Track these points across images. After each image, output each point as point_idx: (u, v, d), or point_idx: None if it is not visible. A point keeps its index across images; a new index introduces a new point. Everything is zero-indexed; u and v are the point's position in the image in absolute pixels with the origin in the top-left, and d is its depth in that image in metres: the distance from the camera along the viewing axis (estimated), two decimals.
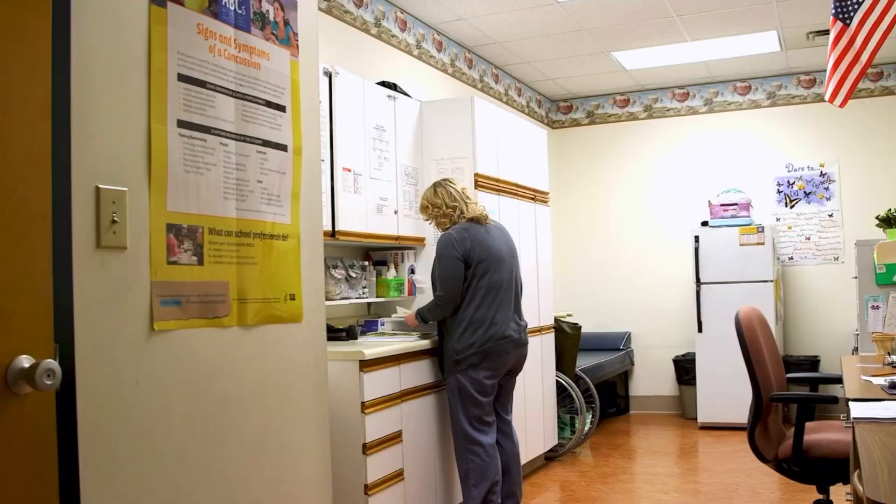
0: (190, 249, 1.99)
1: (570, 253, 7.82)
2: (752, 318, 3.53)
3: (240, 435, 2.11)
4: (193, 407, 1.98)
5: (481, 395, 3.79)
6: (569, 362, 5.64)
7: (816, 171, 7.05)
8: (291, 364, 2.32)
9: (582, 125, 7.83)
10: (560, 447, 5.62)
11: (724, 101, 7.34)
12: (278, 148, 2.30)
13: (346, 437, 3.39)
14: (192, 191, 2.00)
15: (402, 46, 5.16)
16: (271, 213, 2.27)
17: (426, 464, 3.84)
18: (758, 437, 3.44)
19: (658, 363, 7.42)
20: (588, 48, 6.14)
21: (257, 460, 2.17)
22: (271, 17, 2.31)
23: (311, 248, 2.42)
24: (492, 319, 3.78)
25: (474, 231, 3.85)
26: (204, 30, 2.06)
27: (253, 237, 2.19)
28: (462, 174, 4.46)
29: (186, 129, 1.99)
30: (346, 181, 3.90)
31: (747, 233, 6.44)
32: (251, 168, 2.20)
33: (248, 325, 2.17)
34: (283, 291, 2.30)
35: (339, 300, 4.03)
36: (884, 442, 2.15)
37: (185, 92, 1.99)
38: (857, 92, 6.95)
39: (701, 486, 4.85)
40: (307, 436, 2.37)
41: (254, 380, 2.18)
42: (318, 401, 2.43)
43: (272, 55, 2.30)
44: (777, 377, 3.68)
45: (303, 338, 2.37)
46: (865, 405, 2.65)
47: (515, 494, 4.02)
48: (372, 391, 3.43)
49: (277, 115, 2.30)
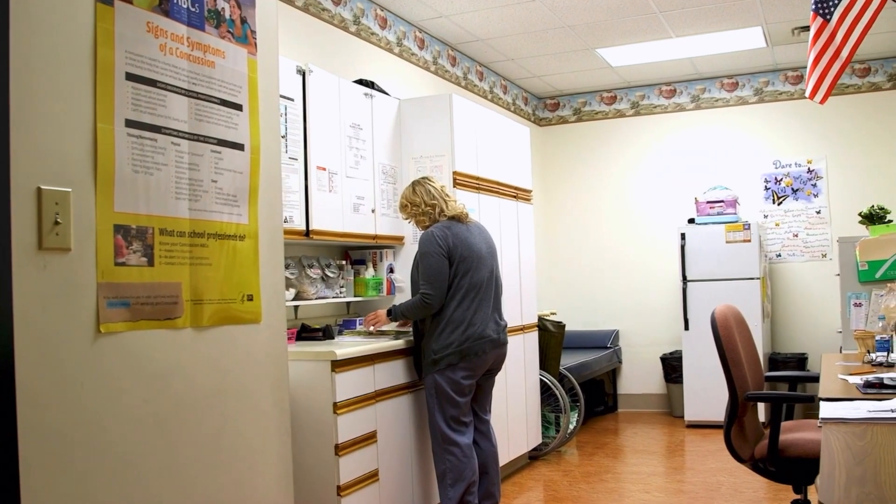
0: (139, 250, 1.96)
1: (558, 251, 7.80)
2: (728, 317, 3.51)
3: (195, 436, 2.09)
4: (145, 409, 1.95)
5: (459, 395, 3.76)
6: (552, 361, 5.61)
7: (804, 167, 7.03)
8: (250, 365, 2.30)
9: (569, 122, 7.80)
10: (544, 446, 5.59)
11: (712, 97, 7.32)
12: (235, 147, 2.27)
13: (318, 437, 3.37)
14: (142, 191, 1.97)
15: (383, 44, 5.13)
16: (227, 213, 2.24)
17: (402, 464, 3.82)
18: (734, 436, 3.41)
19: (646, 361, 7.39)
20: (572, 45, 6.12)
21: (214, 461, 2.14)
22: (227, 14, 2.28)
23: (271, 248, 2.40)
24: (471, 319, 3.76)
25: (456, 229, 3.83)
26: (154, 28, 2.03)
27: (207, 237, 2.17)
28: (441, 172, 4.44)
29: (135, 129, 1.96)
30: (321, 180, 3.87)
31: (733, 230, 6.41)
32: (205, 168, 2.17)
33: (203, 327, 2.14)
34: (240, 292, 2.27)
35: (315, 300, 4.00)
36: (847, 443, 2.13)
37: (133, 91, 1.96)
38: (845, 88, 6.93)
39: (684, 486, 4.83)
40: (267, 437, 2.34)
41: (210, 381, 2.16)
42: (279, 402, 2.40)
43: (228, 53, 2.27)
44: (755, 376, 3.65)
45: (262, 338, 2.34)
46: (836, 405, 2.62)
47: (494, 495, 4.00)
48: (344, 391, 3.41)
49: (234, 113, 2.28)
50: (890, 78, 6.81)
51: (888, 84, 6.82)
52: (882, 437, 2.15)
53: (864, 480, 1.75)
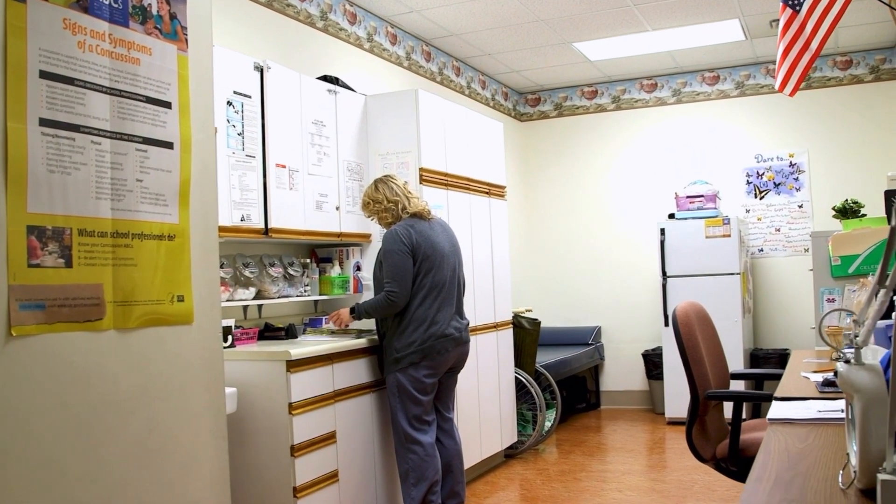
0: (56, 252, 1.92)
1: (539, 247, 7.75)
2: (689, 315, 3.47)
3: (120, 438, 2.05)
4: (64, 411, 1.92)
5: (421, 393, 3.72)
6: (528, 358, 5.57)
7: (786, 161, 6.97)
8: (181, 367, 2.26)
9: (550, 117, 7.74)
10: (521, 444, 5.55)
11: (693, 91, 7.26)
12: (162, 145, 2.23)
13: (273, 438, 3.33)
14: (58, 191, 1.93)
15: (352, 40, 5.08)
16: (154, 213, 2.19)
17: (364, 464, 3.77)
18: (695, 436, 3.38)
19: (628, 358, 7.35)
20: (548, 39, 6.06)
21: (142, 464, 2.10)
22: (154, 10, 2.23)
23: (204, 247, 2.35)
24: (433, 318, 3.72)
25: (419, 227, 3.78)
26: (71, 25, 1.99)
27: (132, 238, 2.12)
28: (407, 169, 4.39)
29: (51, 128, 1.92)
30: (281, 178, 3.82)
31: (713, 225, 6.36)
32: (129, 167, 2.12)
33: (127, 328, 2.10)
34: (169, 293, 2.23)
35: (277, 298, 3.96)
36: (787, 445, 2.08)
37: (48, 89, 1.92)
38: (827, 81, 6.88)
39: (657, 484, 4.79)
40: (200, 439, 2.30)
41: (135, 384, 2.11)
42: (213, 403, 2.36)
43: (155, 50, 2.22)
44: (718, 374, 3.61)
45: (194, 340, 2.30)
46: (788, 405, 2.58)
47: (459, 494, 3.96)
48: (300, 392, 3.37)
49: (161, 111, 2.23)
50: (872, 70, 6.75)
51: (870, 76, 6.76)
52: (826, 438, 2.10)
53: (790, 485, 1.70)
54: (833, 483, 1.66)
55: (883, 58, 6.71)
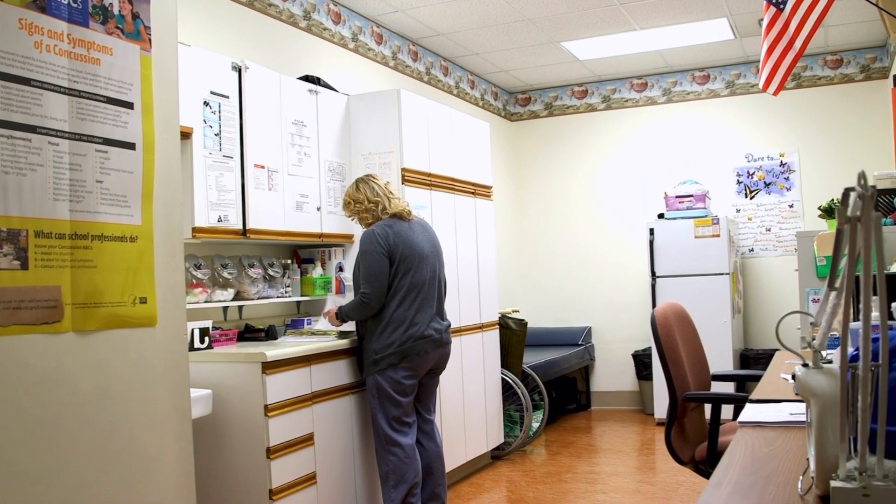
0: (11, 254, 1.90)
1: (529, 247, 7.72)
2: (668, 316, 3.44)
3: (79, 443, 2.03)
4: (21, 414, 1.90)
5: (400, 395, 3.70)
6: (515, 359, 5.55)
7: (776, 160, 6.95)
8: (143, 369, 2.23)
9: (540, 117, 7.72)
10: (507, 445, 5.53)
11: (683, 90, 7.23)
12: (124, 146, 2.20)
13: (249, 441, 3.31)
14: (13, 192, 1.91)
15: (336, 40, 5.05)
16: (115, 214, 2.17)
17: (344, 466, 3.75)
18: (674, 438, 3.34)
19: (618, 358, 7.32)
20: (536, 38, 6.04)
21: (102, 467, 2.08)
22: (115, 10, 2.21)
23: (168, 249, 2.33)
24: (412, 319, 3.69)
25: (398, 227, 3.76)
26: (28, 25, 1.96)
27: (92, 239, 2.10)
28: (389, 169, 4.37)
29: (6, 129, 1.90)
30: (259, 178, 3.80)
31: (702, 225, 6.34)
32: (89, 168, 2.10)
33: (87, 331, 2.08)
34: (131, 295, 2.21)
35: (257, 300, 3.94)
36: (752, 448, 2.06)
37: (3, 90, 1.90)
38: (818, 80, 6.85)
39: (643, 486, 4.77)
40: (164, 442, 2.28)
41: (95, 386, 2.09)
42: (177, 406, 2.34)
43: (116, 50, 2.20)
44: (699, 375, 3.59)
45: (157, 342, 2.27)
46: (760, 407, 2.56)
47: (440, 496, 3.94)
48: (277, 393, 3.34)
49: (122, 112, 2.20)
50: (862, 69, 6.72)
51: (861, 76, 6.73)
52: (793, 441, 2.08)
53: (750, 491, 1.67)
54: (793, 489, 1.63)
55: (874, 56, 6.68)
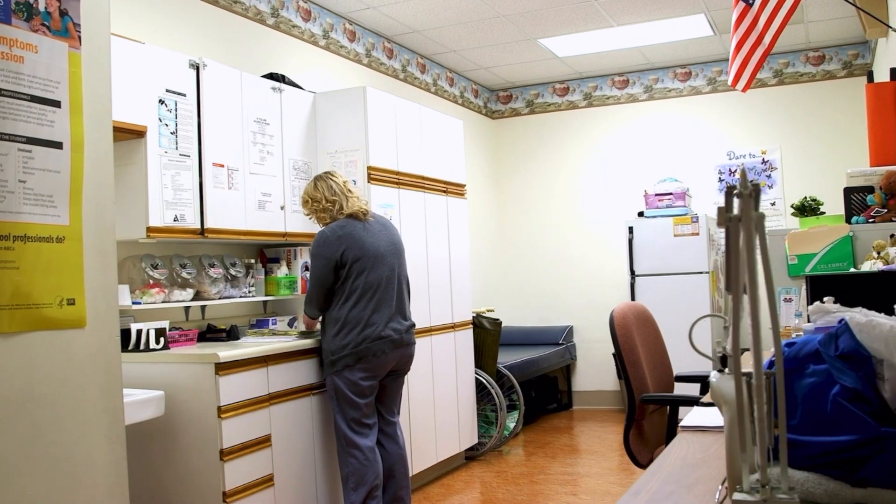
0: None
1: (511, 245, 7.68)
2: (627, 316, 3.40)
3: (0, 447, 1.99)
4: None
5: (358, 396, 3.66)
6: (489, 359, 5.50)
7: (758, 158, 6.90)
8: (71, 371, 2.19)
9: (522, 115, 7.67)
10: (482, 446, 5.49)
11: (664, 87, 7.18)
12: (50, 145, 2.16)
13: (202, 442, 3.27)
14: None
15: (306, 37, 5.01)
16: (40, 215, 2.13)
17: (303, 468, 3.71)
18: (632, 440, 3.30)
19: (600, 358, 7.28)
20: (511, 35, 5.99)
21: (27, 472, 2.04)
22: (41, 6, 2.16)
23: (99, 249, 2.29)
24: (368, 320, 3.65)
25: (350, 228, 3.71)
26: None
27: (13, 240, 2.05)
28: (355, 167, 4.33)
29: None
30: (219, 177, 3.76)
31: (681, 223, 6.29)
32: (10, 167, 2.06)
33: (9, 333, 2.04)
34: (57, 296, 2.16)
35: (218, 300, 3.90)
36: (685, 454, 1.99)
37: None
38: (799, 76, 6.80)
39: (613, 487, 4.73)
40: (94, 444, 2.24)
41: (17, 389, 2.05)
42: (110, 410, 2.30)
43: (42, 47, 2.15)
44: (660, 377, 3.54)
45: (87, 343, 2.23)
46: (706, 410, 2.51)
47: (403, 499, 3.90)
48: (231, 395, 3.30)
49: (48, 110, 2.16)
50: (844, 66, 6.67)
51: (843, 72, 6.68)
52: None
53: (667, 500, 1.63)
54: (712, 498, 1.59)
55: (856, 53, 6.63)
